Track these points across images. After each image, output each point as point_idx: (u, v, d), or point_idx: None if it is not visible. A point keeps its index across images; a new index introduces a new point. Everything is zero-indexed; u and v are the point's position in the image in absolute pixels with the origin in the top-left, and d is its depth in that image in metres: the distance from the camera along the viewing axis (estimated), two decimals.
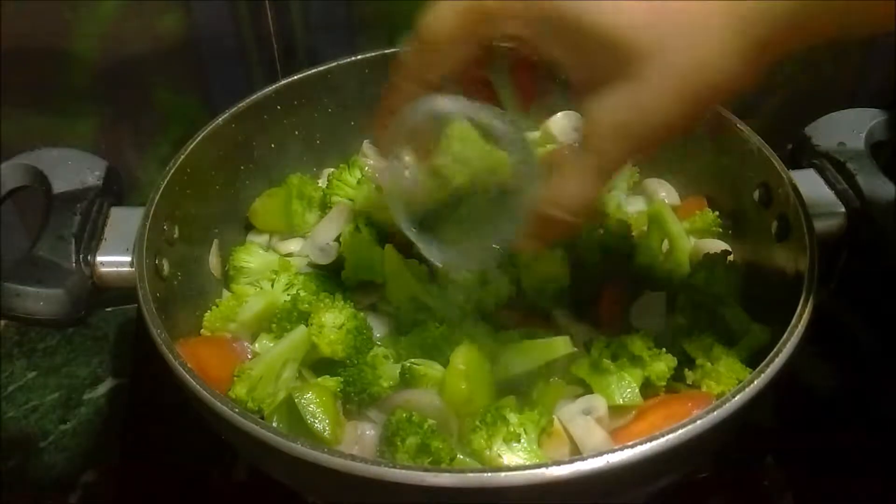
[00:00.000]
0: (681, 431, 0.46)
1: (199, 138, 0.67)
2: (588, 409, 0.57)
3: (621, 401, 0.57)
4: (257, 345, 0.64)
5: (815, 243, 0.57)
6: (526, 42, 0.47)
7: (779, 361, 0.50)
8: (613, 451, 0.45)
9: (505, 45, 0.51)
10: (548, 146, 0.73)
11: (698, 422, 0.46)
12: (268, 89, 0.72)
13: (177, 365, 0.51)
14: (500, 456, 0.53)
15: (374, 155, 0.74)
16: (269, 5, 0.80)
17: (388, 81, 0.52)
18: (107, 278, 0.61)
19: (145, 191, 0.63)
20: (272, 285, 0.65)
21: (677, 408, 0.56)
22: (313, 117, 0.76)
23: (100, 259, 0.61)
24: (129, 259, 0.60)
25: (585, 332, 0.63)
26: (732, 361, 0.58)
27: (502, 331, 0.61)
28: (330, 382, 0.59)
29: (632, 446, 0.45)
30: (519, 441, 0.53)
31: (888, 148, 0.70)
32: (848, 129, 0.69)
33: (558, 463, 0.45)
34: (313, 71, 0.74)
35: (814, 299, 0.54)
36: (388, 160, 0.53)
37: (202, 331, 0.65)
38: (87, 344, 0.86)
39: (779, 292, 0.59)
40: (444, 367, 0.58)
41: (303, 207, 0.73)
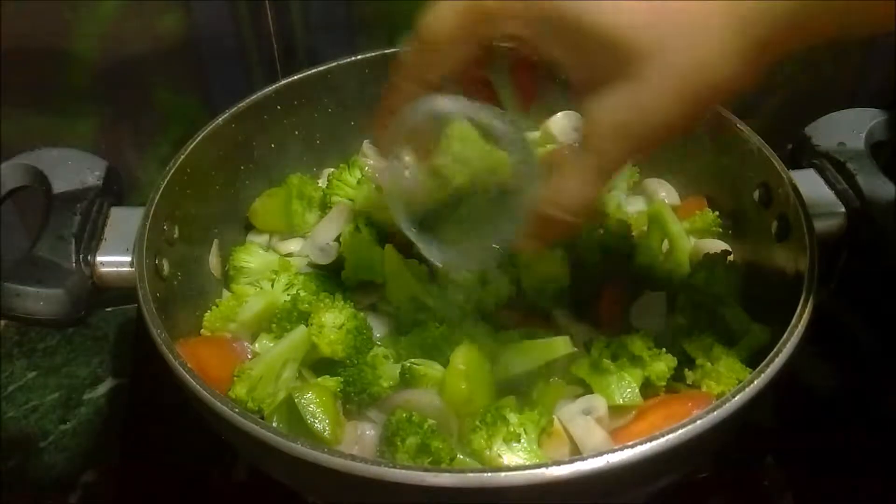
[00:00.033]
0: (681, 431, 0.46)
1: (199, 138, 0.67)
2: (588, 409, 0.57)
3: (621, 401, 0.57)
4: (257, 345, 0.64)
5: (815, 243, 0.57)
6: (526, 42, 0.47)
7: (779, 361, 0.50)
8: (613, 451, 0.45)
9: (505, 46, 0.51)
10: (548, 146, 0.73)
11: (698, 422, 0.46)
12: (268, 89, 0.72)
13: (177, 365, 0.51)
14: (500, 456, 0.53)
15: (374, 155, 0.74)
16: (269, 5, 0.80)
17: (388, 81, 0.52)
18: (107, 278, 0.61)
19: (145, 191, 0.63)
20: (272, 285, 0.65)
21: (677, 408, 0.56)
22: (313, 117, 0.76)
23: (100, 259, 0.61)
24: (129, 259, 0.60)
25: (585, 332, 0.63)
26: (732, 361, 0.58)
27: (502, 331, 0.61)
28: (330, 382, 0.59)
29: (632, 446, 0.45)
30: (519, 441, 0.53)
31: (888, 148, 0.70)
32: (848, 129, 0.69)
33: (558, 463, 0.45)
34: (313, 71, 0.74)
35: (814, 299, 0.54)
36: (388, 160, 0.53)
37: (202, 331, 0.65)
38: (87, 344, 0.86)
39: (779, 292, 0.59)
40: (444, 367, 0.58)
41: (303, 207, 0.73)
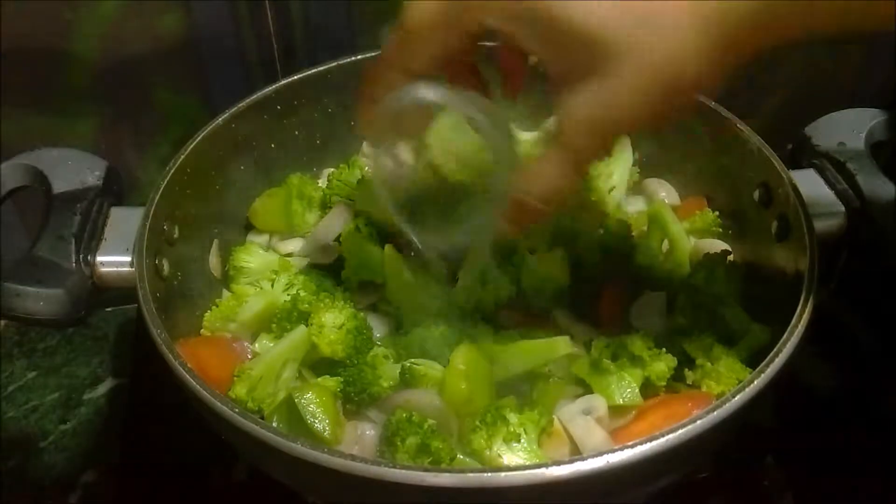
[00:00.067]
0: (681, 431, 0.46)
1: (199, 138, 0.67)
2: (588, 409, 0.57)
3: (621, 401, 0.57)
4: (257, 345, 0.64)
5: (815, 243, 0.57)
6: (505, 35, 0.48)
7: (779, 361, 0.50)
8: (613, 451, 0.45)
9: (490, 45, 0.53)
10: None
11: (698, 422, 0.46)
12: (268, 89, 0.72)
13: (177, 365, 0.51)
14: (500, 456, 0.53)
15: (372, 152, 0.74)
16: (269, 5, 0.80)
17: (371, 69, 0.53)
18: (107, 278, 0.61)
19: (145, 191, 0.63)
20: (272, 285, 0.65)
21: (677, 408, 0.56)
22: (313, 117, 0.76)
23: (100, 259, 0.61)
24: (129, 259, 0.60)
25: (585, 332, 0.63)
26: (732, 361, 0.58)
27: (502, 331, 0.62)
28: (330, 382, 0.59)
29: (632, 446, 0.45)
30: (519, 441, 0.53)
31: (888, 148, 0.70)
32: (848, 129, 0.69)
33: (558, 463, 0.45)
34: (313, 71, 0.74)
35: (814, 299, 0.54)
36: (375, 149, 0.54)
37: (202, 331, 0.65)
38: (87, 344, 0.85)
39: (779, 292, 0.59)
40: (444, 367, 0.58)
41: (303, 207, 0.73)
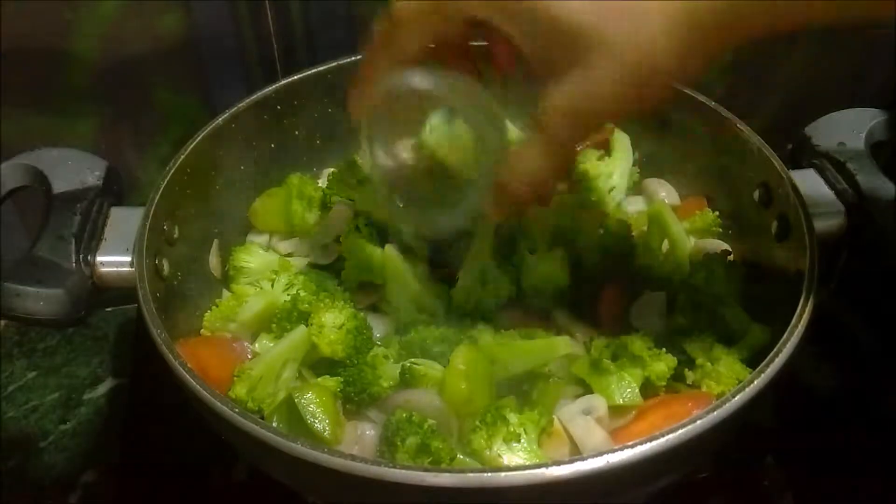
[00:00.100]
0: (681, 431, 0.46)
1: (199, 138, 0.67)
2: (588, 409, 0.57)
3: (621, 401, 0.57)
4: (257, 345, 0.64)
5: (815, 243, 0.57)
6: (489, 26, 0.49)
7: (779, 361, 0.50)
8: (613, 451, 0.45)
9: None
10: None
11: (698, 422, 0.46)
12: (268, 89, 0.72)
13: (177, 365, 0.51)
14: (500, 456, 0.53)
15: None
16: (269, 5, 0.80)
17: (363, 57, 0.54)
18: (107, 278, 0.61)
19: (145, 191, 0.63)
20: (272, 285, 0.65)
21: (677, 408, 0.56)
22: (313, 117, 0.76)
23: (100, 259, 0.61)
24: (129, 259, 0.60)
25: (585, 332, 0.63)
26: (732, 361, 0.58)
27: (502, 331, 0.62)
28: (330, 382, 0.59)
29: (632, 446, 0.45)
30: (519, 441, 0.53)
31: (888, 148, 0.70)
32: (848, 129, 0.69)
33: (558, 463, 0.45)
34: (313, 71, 0.74)
35: (814, 299, 0.54)
36: (366, 136, 0.56)
37: (202, 331, 0.65)
38: (87, 344, 0.85)
39: (779, 292, 0.59)
40: (444, 367, 0.58)
41: (303, 207, 0.73)
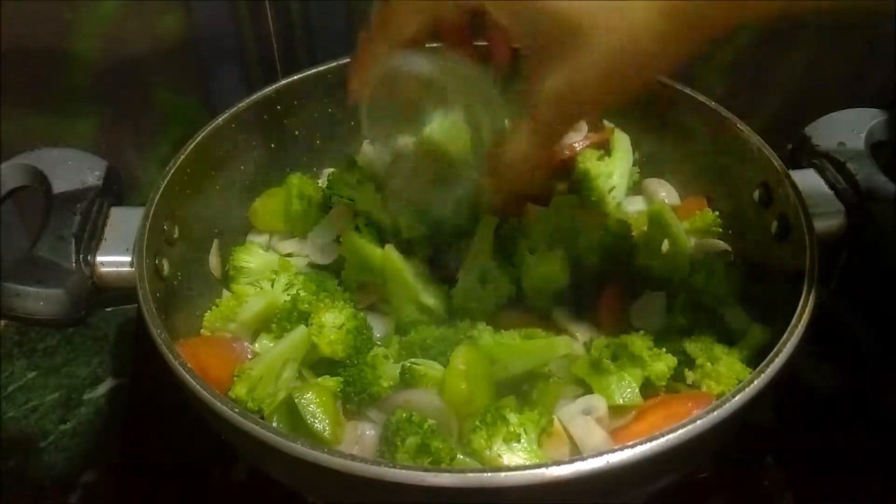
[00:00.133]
0: (681, 431, 0.46)
1: (199, 138, 0.67)
2: (588, 409, 0.57)
3: (621, 401, 0.57)
4: (257, 345, 0.64)
5: (815, 243, 0.57)
6: (483, 12, 0.50)
7: (779, 361, 0.50)
8: (613, 451, 0.45)
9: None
10: None
11: (698, 422, 0.46)
12: (268, 89, 0.72)
13: (177, 365, 0.51)
14: (500, 456, 0.53)
15: (374, 153, 0.75)
16: (269, 5, 0.80)
17: (361, 40, 0.55)
18: (107, 278, 0.61)
19: (145, 191, 0.63)
20: (272, 285, 0.65)
21: (677, 408, 0.56)
22: (313, 117, 0.76)
23: (100, 259, 0.61)
24: (129, 259, 0.60)
25: (585, 332, 0.63)
26: (732, 361, 0.58)
27: (502, 331, 0.61)
28: (330, 382, 0.59)
29: (632, 446, 0.45)
30: (519, 441, 0.53)
31: (888, 148, 0.70)
32: (848, 129, 0.69)
33: (558, 463, 0.45)
34: (313, 71, 0.74)
35: (814, 299, 0.54)
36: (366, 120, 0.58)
37: (202, 331, 0.65)
38: (87, 344, 0.86)
39: (779, 292, 0.59)
40: (444, 367, 0.58)
41: (303, 207, 0.73)
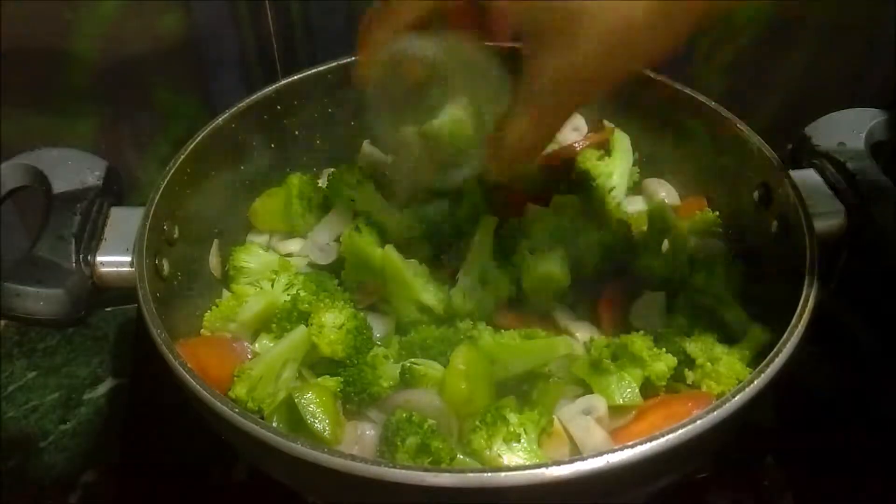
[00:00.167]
0: (681, 431, 0.46)
1: (199, 138, 0.67)
2: (588, 409, 0.57)
3: (621, 401, 0.57)
4: (257, 345, 0.64)
5: (815, 243, 0.57)
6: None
7: (779, 361, 0.50)
8: (613, 451, 0.45)
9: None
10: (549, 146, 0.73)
11: (698, 422, 0.46)
12: (268, 89, 0.72)
13: (177, 365, 0.51)
14: (500, 456, 0.53)
15: (374, 151, 0.75)
16: (269, 5, 0.80)
17: (366, 24, 0.56)
18: (107, 278, 0.61)
19: (145, 191, 0.63)
20: (272, 285, 0.65)
21: (677, 408, 0.56)
22: (313, 117, 0.76)
23: (100, 259, 0.61)
24: (129, 259, 0.60)
25: (585, 332, 0.63)
26: (732, 361, 0.58)
27: (502, 331, 0.61)
28: (330, 382, 0.59)
29: (632, 446, 0.45)
30: (519, 441, 0.53)
31: (888, 148, 0.70)
32: (848, 129, 0.69)
33: (558, 463, 0.45)
34: (313, 71, 0.74)
35: (814, 299, 0.54)
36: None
37: (202, 331, 0.65)
38: (87, 344, 0.86)
39: (779, 292, 0.59)
40: (444, 367, 0.58)
41: (303, 207, 0.73)
